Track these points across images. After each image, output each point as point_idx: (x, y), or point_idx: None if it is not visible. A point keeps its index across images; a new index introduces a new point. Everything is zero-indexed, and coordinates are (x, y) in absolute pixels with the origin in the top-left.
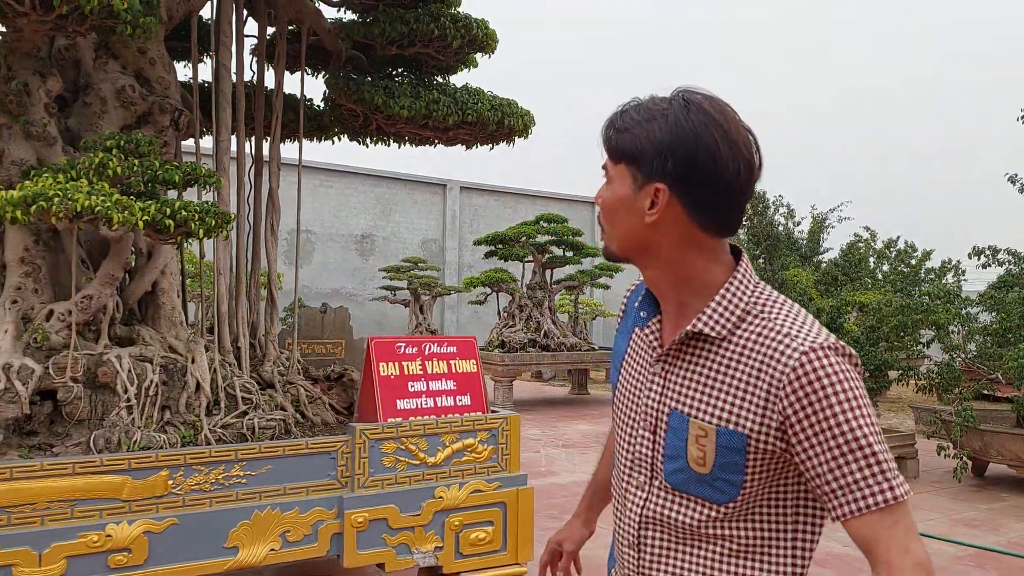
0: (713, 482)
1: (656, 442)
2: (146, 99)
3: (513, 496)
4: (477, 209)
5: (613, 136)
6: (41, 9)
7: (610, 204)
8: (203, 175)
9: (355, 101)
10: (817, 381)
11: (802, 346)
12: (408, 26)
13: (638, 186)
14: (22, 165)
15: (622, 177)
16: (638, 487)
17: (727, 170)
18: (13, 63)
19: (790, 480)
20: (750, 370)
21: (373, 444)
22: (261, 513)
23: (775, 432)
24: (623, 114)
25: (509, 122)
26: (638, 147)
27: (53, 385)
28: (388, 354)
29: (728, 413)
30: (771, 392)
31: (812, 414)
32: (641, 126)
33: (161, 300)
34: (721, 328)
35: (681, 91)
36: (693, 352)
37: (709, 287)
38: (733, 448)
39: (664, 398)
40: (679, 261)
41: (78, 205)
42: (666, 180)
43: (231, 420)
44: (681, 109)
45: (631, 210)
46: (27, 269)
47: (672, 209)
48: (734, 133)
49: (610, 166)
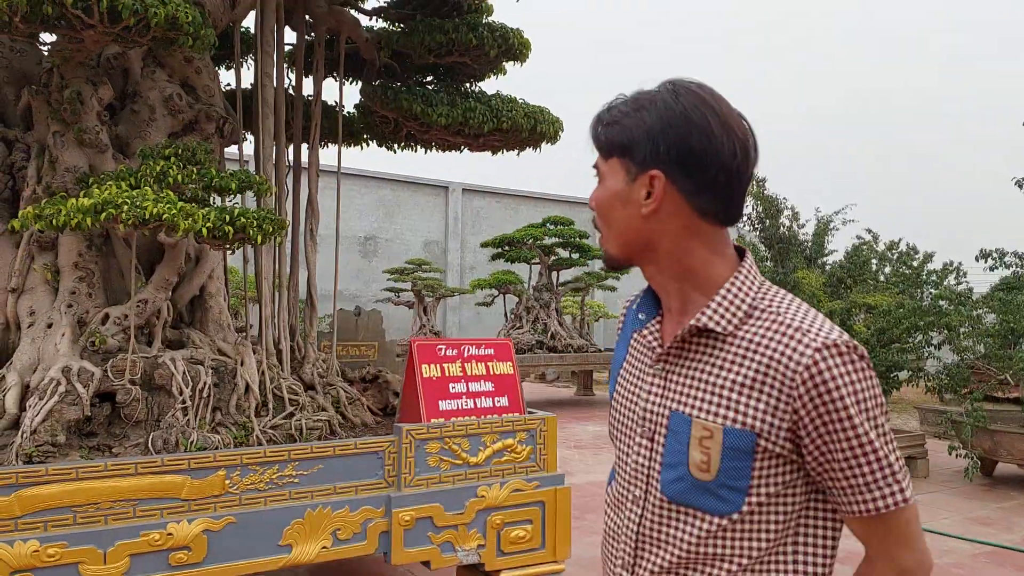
0: (716, 490)
1: (654, 450)
2: (192, 107)
3: (551, 495)
4: (479, 211)
5: (602, 131)
6: (108, 21)
7: (605, 201)
8: (257, 182)
9: (392, 109)
10: (832, 380)
11: (814, 342)
12: (447, 35)
13: (632, 177)
14: (75, 172)
15: (615, 172)
16: (633, 502)
17: (723, 150)
18: (66, 72)
19: (798, 488)
20: (759, 366)
21: (419, 444)
22: (313, 512)
23: (785, 432)
24: (610, 109)
25: (542, 128)
26: (629, 137)
27: (112, 387)
28: (430, 356)
29: (735, 412)
30: (783, 390)
31: (825, 414)
32: (630, 116)
33: (209, 304)
34: (727, 323)
35: (668, 80)
36: (696, 349)
37: (713, 281)
38: (741, 450)
39: (664, 400)
40: (681, 252)
41: (146, 213)
42: (661, 166)
43: (279, 421)
44: (670, 94)
45: (627, 203)
46: (81, 274)
47: (670, 197)
48: (726, 114)
49: (601, 163)
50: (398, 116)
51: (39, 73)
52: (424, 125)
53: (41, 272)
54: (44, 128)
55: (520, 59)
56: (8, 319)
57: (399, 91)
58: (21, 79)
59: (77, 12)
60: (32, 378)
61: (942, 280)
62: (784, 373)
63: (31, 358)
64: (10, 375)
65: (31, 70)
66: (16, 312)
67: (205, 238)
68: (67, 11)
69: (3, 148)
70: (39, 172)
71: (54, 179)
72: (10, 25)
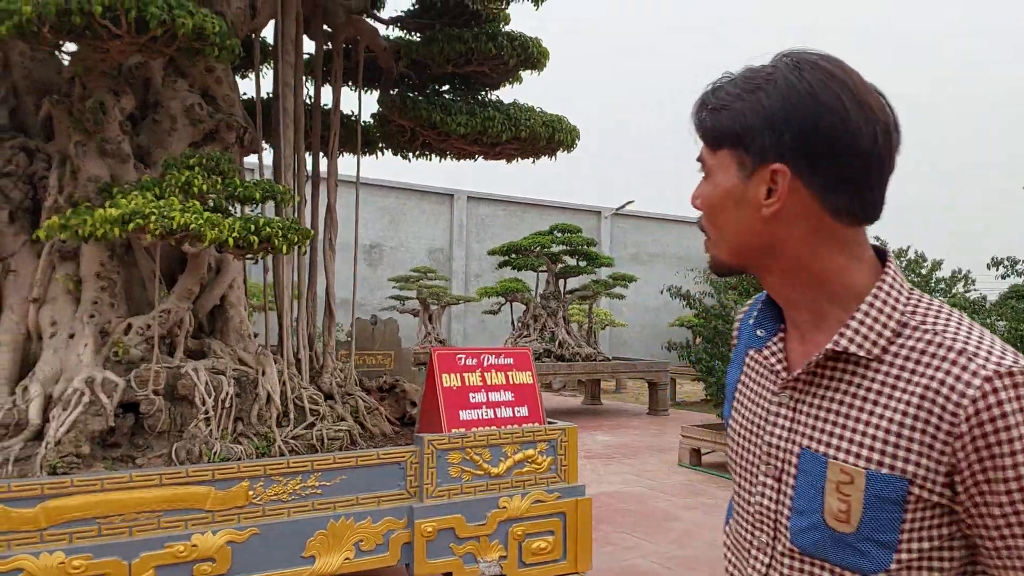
0: (858, 544)
1: (781, 491)
2: (213, 117)
3: (572, 506)
4: (484, 218)
5: (708, 117)
6: (136, 31)
7: (714, 201)
8: (280, 192)
9: (411, 118)
10: (1004, 418)
11: (984, 369)
12: (466, 45)
13: (748, 172)
14: (97, 182)
15: (725, 166)
16: (760, 549)
17: (860, 135)
18: (89, 82)
19: (957, 542)
20: (912, 398)
21: (440, 455)
22: (336, 523)
23: (943, 478)
24: (716, 91)
25: (560, 137)
26: (743, 124)
27: (135, 398)
28: (450, 365)
29: (882, 454)
30: (941, 427)
31: (990, 459)
32: (743, 99)
33: (230, 313)
34: (871, 345)
35: (785, 53)
36: (833, 376)
37: (851, 293)
38: (888, 499)
39: (793, 435)
40: (810, 259)
41: (174, 223)
42: (785, 158)
43: (301, 431)
44: (791, 70)
45: (743, 203)
46: (103, 284)
47: (796, 194)
48: (862, 90)
49: (707, 155)
50: (416, 125)
51: (60, 83)
52: (442, 134)
53: (63, 282)
54: (66, 138)
55: (538, 67)
56: (30, 329)
57: (418, 100)
58: (41, 88)
59: (105, 22)
60: (55, 388)
61: (951, 288)
62: (944, 407)
63: (54, 368)
64: (33, 385)
65: (51, 79)
66: (38, 322)
67: (230, 248)
68: (95, 21)
69: (24, 158)
70: (60, 182)
71: (76, 189)
72: (38, 35)
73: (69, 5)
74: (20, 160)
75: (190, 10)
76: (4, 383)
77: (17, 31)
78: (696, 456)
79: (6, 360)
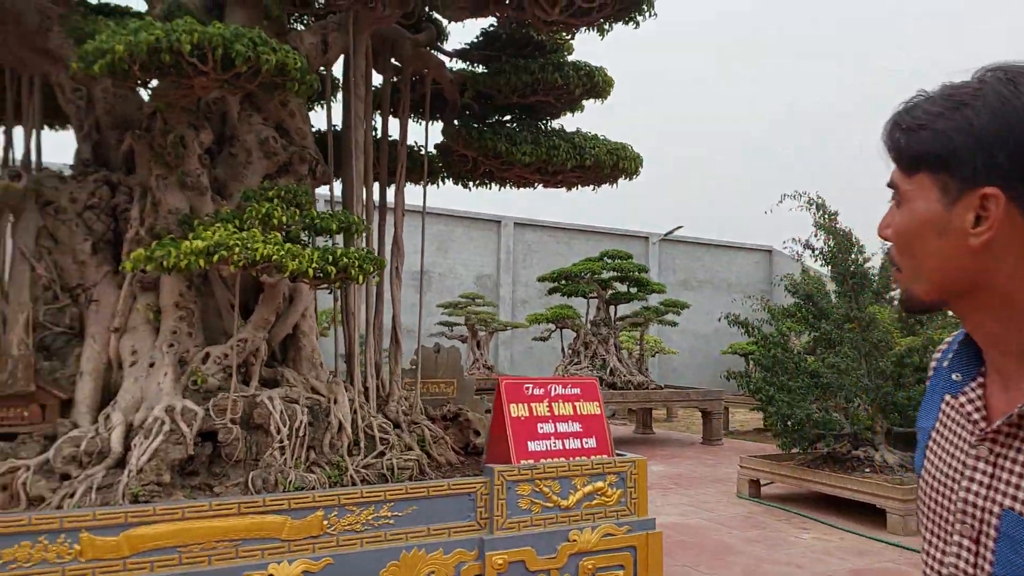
0: None
1: (979, 555)
2: (287, 149)
3: (643, 540)
4: (531, 245)
5: (902, 138)
6: (221, 68)
7: (910, 230)
8: (354, 223)
9: (475, 148)
10: None
11: None
12: (533, 76)
13: (952, 199)
14: (177, 214)
15: (924, 191)
16: None
17: None
18: (170, 117)
19: None
20: None
21: (510, 486)
22: (408, 554)
23: None
24: (911, 109)
25: (623, 165)
26: (947, 146)
27: (213, 426)
28: (517, 395)
29: None
30: None
31: None
32: (946, 117)
33: (302, 342)
34: None
35: (991, 67)
36: None
37: None
38: None
39: (993, 492)
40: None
41: (257, 254)
42: (998, 182)
43: (371, 460)
44: (1004, 84)
45: (945, 232)
46: (182, 314)
47: (1012, 221)
48: None
49: (901, 180)
50: (479, 155)
51: (140, 118)
52: (506, 163)
53: (143, 312)
54: (147, 171)
55: (602, 96)
56: (111, 358)
57: (483, 131)
58: (122, 124)
59: (192, 60)
60: (136, 417)
61: None
62: None
63: (134, 397)
64: (115, 414)
65: (132, 115)
66: (119, 351)
67: (309, 278)
68: (183, 59)
69: (107, 191)
70: (142, 214)
71: (157, 221)
72: (128, 73)
73: (159, 44)
74: (103, 193)
75: (273, 47)
76: (87, 411)
77: (109, 69)
78: (755, 487)
79: (88, 388)
